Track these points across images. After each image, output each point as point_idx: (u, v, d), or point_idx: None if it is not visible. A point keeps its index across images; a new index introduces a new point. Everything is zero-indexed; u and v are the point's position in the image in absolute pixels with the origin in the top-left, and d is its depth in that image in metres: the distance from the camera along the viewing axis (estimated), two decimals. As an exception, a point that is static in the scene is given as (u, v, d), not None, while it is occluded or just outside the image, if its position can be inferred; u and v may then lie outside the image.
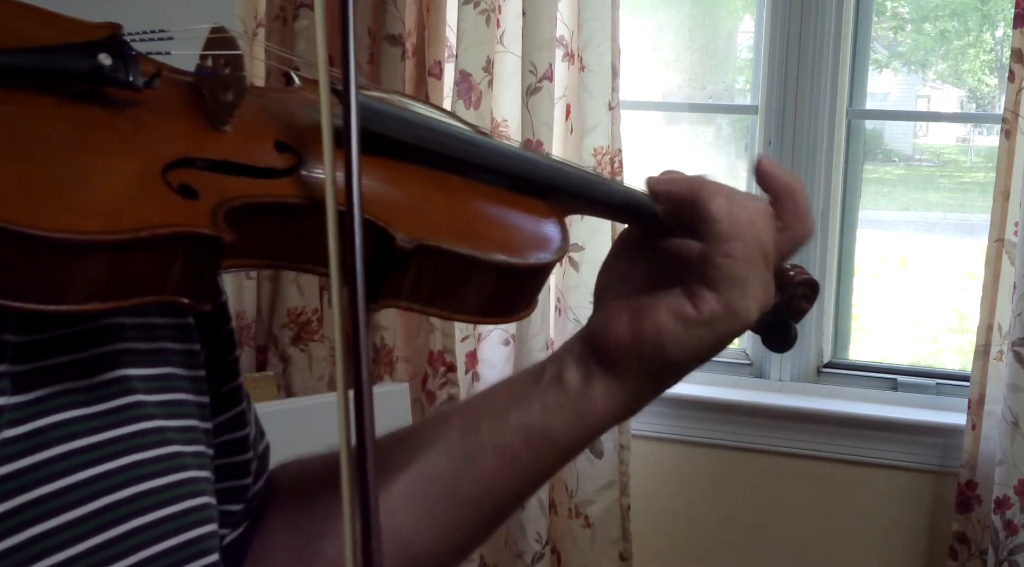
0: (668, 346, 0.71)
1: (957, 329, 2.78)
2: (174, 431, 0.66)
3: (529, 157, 0.76)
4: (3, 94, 0.56)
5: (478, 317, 0.69)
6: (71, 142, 0.56)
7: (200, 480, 0.67)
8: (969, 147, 3.06)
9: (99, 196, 0.54)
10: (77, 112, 0.57)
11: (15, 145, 0.54)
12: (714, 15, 2.93)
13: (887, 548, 2.54)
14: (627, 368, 0.73)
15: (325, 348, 2.52)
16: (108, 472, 0.61)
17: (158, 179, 0.56)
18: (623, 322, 0.73)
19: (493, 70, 2.42)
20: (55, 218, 0.51)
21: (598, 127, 2.42)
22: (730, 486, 2.64)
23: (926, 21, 2.85)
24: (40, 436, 0.59)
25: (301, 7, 2.45)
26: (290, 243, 0.63)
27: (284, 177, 0.62)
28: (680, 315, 0.70)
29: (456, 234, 0.65)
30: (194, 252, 0.55)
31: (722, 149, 2.96)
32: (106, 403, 0.63)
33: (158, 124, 0.60)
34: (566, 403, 0.74)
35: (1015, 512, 2.24)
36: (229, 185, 0.59)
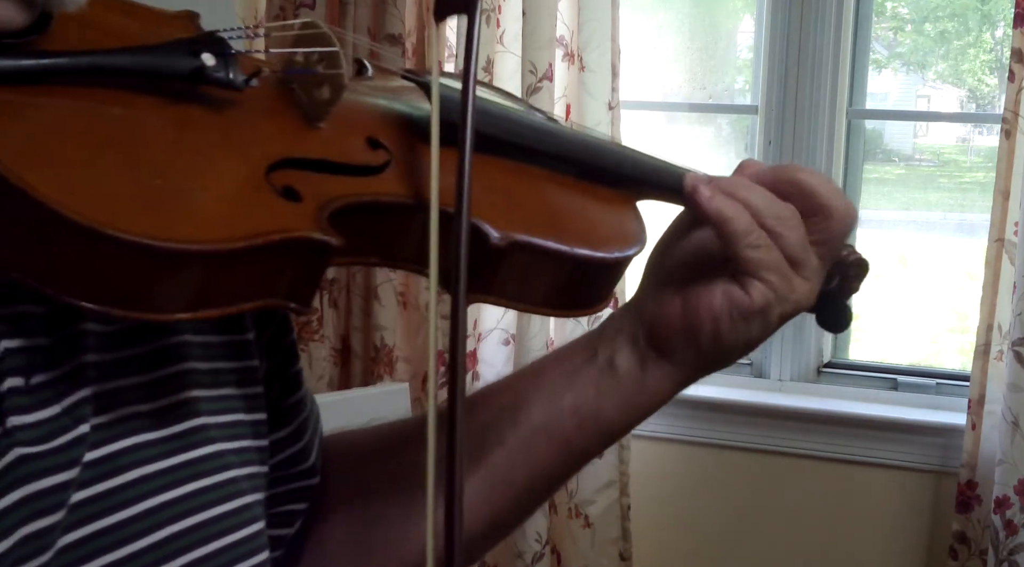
0: (724, 333, 0.71)
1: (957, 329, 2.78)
2: (232, 454, 0.65)
3: (603, 145, 0.76)
4: (106, 95, 0.56)
5: (560, 310, 0.69)
6: (177, 145, 0.56)
7: (254, 506, 0.66)
8: (969, 147, 3.06)
9: (210, 202, 0.54)
10: (178, 113, 0.57)
11: (124, 150, 0.54)
12: (714, 15, 2.93)
13: (887, 548, 2.54)
14: (683, 355, 0.73)
15: (325, 348, 2.52)
16: (173, 500, 0.61)
17: (263, 182, 0.56)
18: (676, 309, 0.72)
19: (493, 70, 2.42)
20: (172, 228, 0.51)
21: (598, 127, 2.41)
22: (730, 486, 2.64)
23: (926, 21, 2.85)
24: (115, 460, 0.58)
25: (301, 7, 2.45)
26: (386, 241, 0.62)
27: (378, 174, 0.62)
28: (734, 302, 0.70)
29: (544, 228, 0.65)
30: (303, 256, 0.55)
31: (722, 149, 2.96)
32: (174, 426, 0.62)
33: (256, 123, 0.60)
34: (620, 389, 0.73)
35: (1015, 512, 2.24)
36: (329, 185, 0.59)
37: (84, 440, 0.57)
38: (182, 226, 0.51)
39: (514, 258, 0.62)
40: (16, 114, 0.53)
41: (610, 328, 0.75)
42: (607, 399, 0.73)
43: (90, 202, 0.50)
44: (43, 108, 0.54)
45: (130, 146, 0.54)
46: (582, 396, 0.74)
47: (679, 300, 0.72)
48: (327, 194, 0.58)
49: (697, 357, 0.73)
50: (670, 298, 0.72)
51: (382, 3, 2.43)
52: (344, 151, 0.62)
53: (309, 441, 0.77)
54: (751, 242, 0.69)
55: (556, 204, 0.71)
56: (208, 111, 0.58)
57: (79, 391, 0.57)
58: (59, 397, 0.56)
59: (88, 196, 0.50)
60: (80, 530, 0.56)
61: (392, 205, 0.61)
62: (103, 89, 0.56)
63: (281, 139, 0.60)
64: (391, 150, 0.64)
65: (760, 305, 0.70)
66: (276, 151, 0.58)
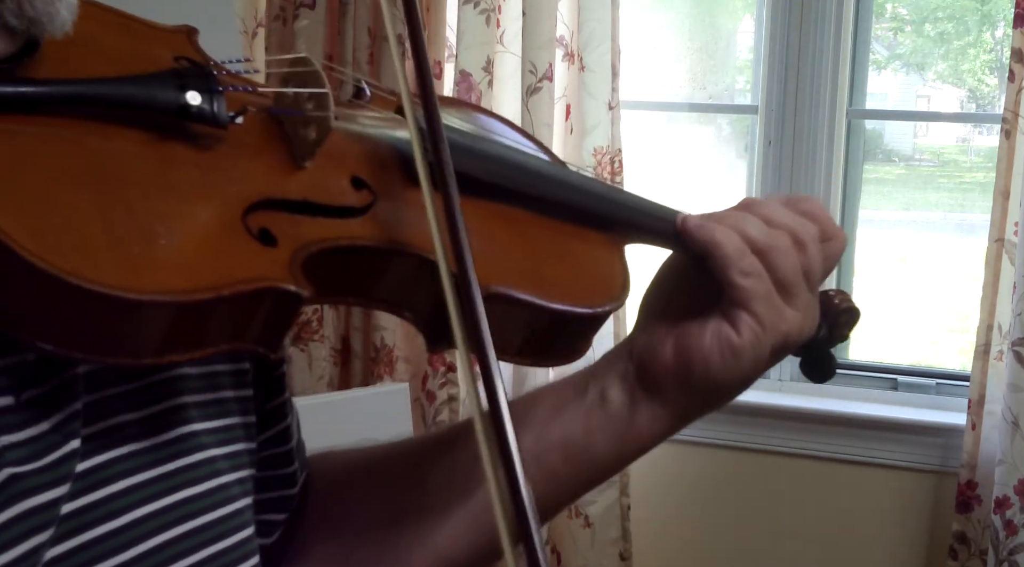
0: (714, 372, 0.70)
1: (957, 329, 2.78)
2: (223, 459, 0.65)
3: (593, 189, 0.74)
4: (85, 126, 0.55)
5: (535, 360, 0.67)
6: (154, 183, 0.55)
7: (244, 510, 0.66)
8: (969, 147, 3.06)
9: (181, 248, 0.53)
10: (159, 148, 0.56)
11: (98, 188, 0.53)
12: (714, 15, 2.93)
13: (887, 548, 2.54)
14: (673, 394, 0.72)
15: (325, 348, 2.52)
16: (162, 509, 0.60)
17: (239, 224, 0.55)
18: (668, 348, 0.71)
19: (493, 70, 2.42)
20: (138, 277, 0.50)
21: (598, 127, 2.42)
22: (730, 486, 2.64)
23: (926, 21, 2.85)
24: (103, 471, 0.58)
25: (301, 7, 2.45)
26: (362, 282, 0.62)
27: (360, 216, 0.61)
28: (723, 340, 0.69)
29: (524, 280, 0.64)
30: (272, 305, 0.55)
31: (722, 149, 2.96)
32: (163, 434, 0.62)
33: (239, 160, 0.59)
34: (609, 425, 0.73)
35: (1015, 512, 2.24)
36: (306, 228, 0.58)
37: (75, 454, 0.56)
38: (149, 274, 0.50)
39: (491, 308, 0.60)
40: None
41: (603, 364, 0.75)
42: (596, 435, 0.73)
43: (54, 245, 0.49)
44: (16, 138, 0.52)
45: (104, 184, 0.53)
46: (571, 430, 0.73)
47: (671, 340, 0.71)
48: (304, 237, 0.57)
49: (688, 398, 0.72)
50: (662, 338, 0.72)
51: (382, 3, 2.43)
52: (327, 191, 0.60)
53: (292, 448, 0.76)
54: (744, 268, 0.69)
55: (540, 251, 0.69)
56: (190, 147, 0.57)
57: (71, 405, 0.57)
58: (50, 412, 0.56)
59: (53, 239, 0.49)
60: (67, 542, 0.56)
61: (369, 249, 0.60)
62: (83, 120, 0.55)
63: (263, 178, 0.59)
64: (375, 190, 0.62)
65: (749, 341, 0.69)
66: (256, 191, 0.57)
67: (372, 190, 0.62)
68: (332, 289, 0.60)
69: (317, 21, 2.44)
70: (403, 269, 0.61)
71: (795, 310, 0.70)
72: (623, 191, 0.75)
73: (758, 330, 0.69)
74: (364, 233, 0.60)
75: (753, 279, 0.69)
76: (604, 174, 2.40)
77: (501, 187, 0.68)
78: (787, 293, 0.70)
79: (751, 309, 0.69)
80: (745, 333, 0.69)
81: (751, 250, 0.69)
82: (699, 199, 2.90)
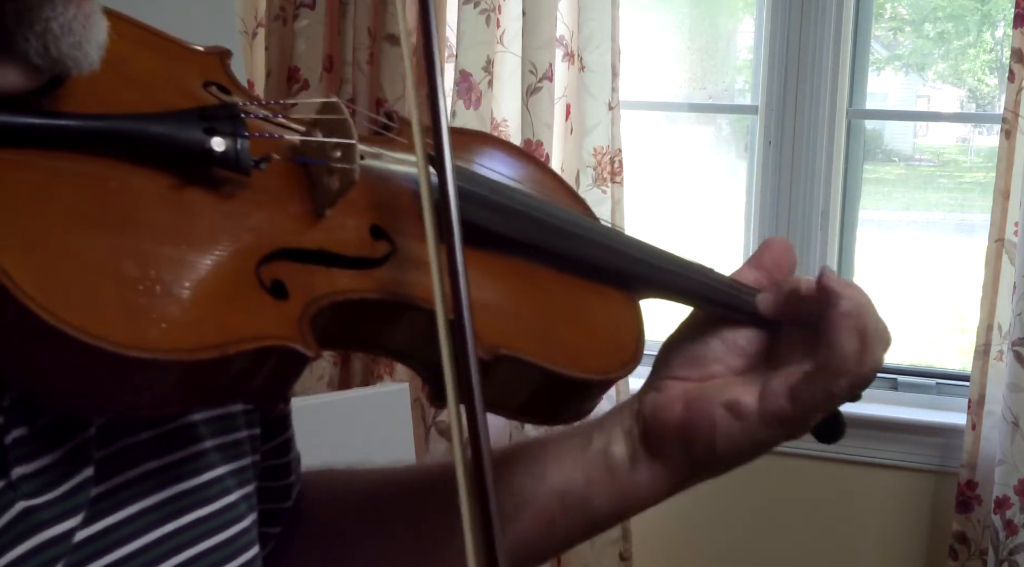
0: (718, 444, 0.68)
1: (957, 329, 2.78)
2: (231, 476, 0.64)
3: (618, 246, 0.70)
4: (107, 164, 0.53)
5: (538, 420, 0.66)
6: (169, 229, 0.53)
7: (252, 528, 0.65)
8: (969, 147, 3.06)
9: (190, 301, 0.51)
10: (178, 191, 0.54)
11: (111, 232, 0.51)
12: (714, 15, 2.93)
13: (887, 548, 2.54)
14: (674, 460, 0.71)
15: (325, 348, 2.52)
16: (173, 532, 0.59)
17: (252, 276, 0.54)
18: (677, 410, 0.70)
19: (493, 70, 2.42)
20: (142, 333, 0.48)
21: (598, 127, 2.42)
22: (730, 486, 2.63)
23: (926, 22, 2.85)
24: (114, 496, 0.57)
25: (301, 7, 2.45)
26: (372, 333, 0.60)
27: (376, 267, 0.59)
28: (738, 411, 0.68)
29: (534, 341, 0.62)
30: (277, 361, 0.53)
31: (722, 149, 2.96)
32: (174, 453, 0.60)
33: (259, 207, 0.57)
34: (610, 480, 0.72)
35: (1015, 512, 2.24)
36: (320, 279, 0.56)
37: (88, 482, 0.55)
38: (153, 330, 0.49)
39: (497, 369, 0.59)
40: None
41: (610, 417, 0.74)
42: (596, 488, 0.72)
43: (59, 295, 0.47)
44: (32, 172, 0.51)
45: (117, 227, 0.51)
46: (572, 480, 0.72)
47: (680, 402, 0.70)
48: (317, 290, 0.55)
49: (689, 464, 0.71)
50: (671, 398, 0.71)
51: (382, 3, 2.43)
52: (345, 241, 0.59)
53: (291, 461, 0.75)
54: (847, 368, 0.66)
55: (556, 311, 0.67)
56: (210, 191, 0.55)
57: (84, 430, 0.56)
58: (63, 440, 0.55)
59: (58, 288, 0.48)
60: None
61: (383, 302, 0.58)
62: (103, 157, 0.53)
63: (282, 227, 0.57)
64: (394, 240, 0.60)
65: (772, 416, 0.67)
66: (274, 241, 0.56)
67: (391, 240, 0.60)
68: (341, 339, 0.59)
69: (317, 21, 2.44)
70: (415, 322, 0.59)
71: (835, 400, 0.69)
72: (648, 246, 0.72)
73: (786, 418, 0.67)
74: (378, 285, 0.58)
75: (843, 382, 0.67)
76: (604, 174, 2.41)
77: (520, 242, 0.66)
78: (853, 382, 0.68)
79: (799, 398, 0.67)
80: (768, 414, 0.67)
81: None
82: (699, 199, 2.90)
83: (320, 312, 0.55)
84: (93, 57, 0.53)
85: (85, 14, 0.52)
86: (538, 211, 0.68)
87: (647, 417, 0.71)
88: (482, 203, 0.64)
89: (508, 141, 0.86)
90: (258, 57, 2.52)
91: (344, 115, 0.61)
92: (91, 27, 0.53)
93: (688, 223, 2.90)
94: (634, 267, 0.70)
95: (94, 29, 0.53)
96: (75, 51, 0.52)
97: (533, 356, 0.61)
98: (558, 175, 0.79)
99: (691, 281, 0.71)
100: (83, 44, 0.52)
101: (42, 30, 0.51)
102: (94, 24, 0.53)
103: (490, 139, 0.81)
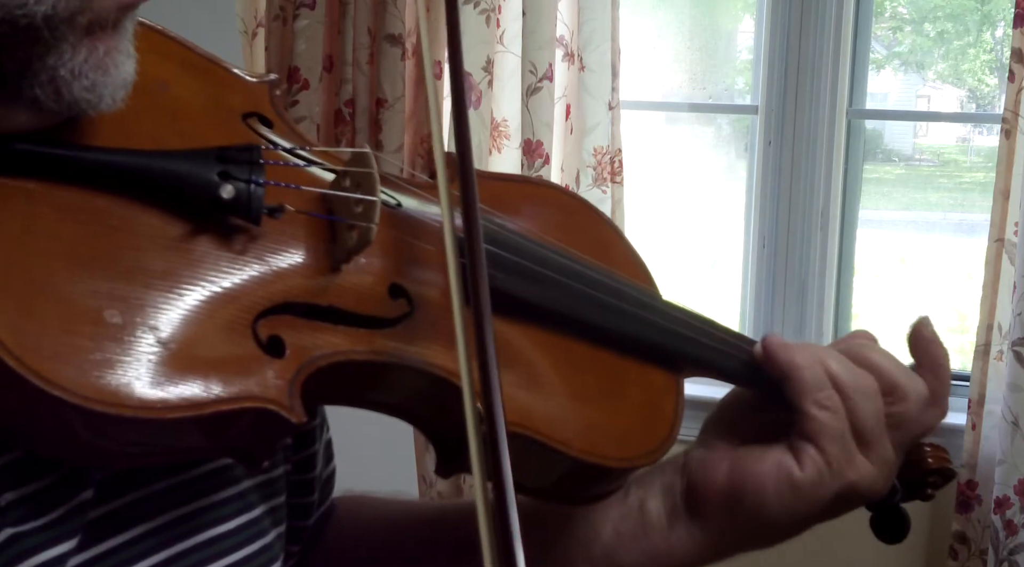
0: (767, 504, 0.66)
1: (957, 329, 2.78)
2: (254, 490, 0.61)
3: (662, 321, 0.66)
4: (114, 201, 0.50)
5: (551, 500, 0.62)
6: (166, 275, 0.50)
7: (275, 544, 0.63)
8: (969, 147, 3.06)
9: (174, 355, 0.48)
10: (184, 235, 0.51)
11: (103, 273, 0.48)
12: (714, 15, 2.93)
13: (887, 548, 2.53)
14: (717, 521, 0.67)
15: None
16: (194, 547, 0.57)
17: (247, 330, 0.50)
18: (723, 470, 0.67)
19: (493, 70, 2.42)
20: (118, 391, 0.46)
21: (598, 127, 2.42)
22: (730, 486, 2.63)
23: (926, 21, 2.85)
24: (118, 516, 0.55)
25: (301, 7, 2.45)
26: (368, 391, 0.57)
27: (388, 328, 0.55)
28: (783, 471, 0.65)
29: (561, 424, 0.58)
30: (260, 422, 0.50)
31: (722, 149, 2.96)
32: (189, 472, 0.58)
33: (269, 257, 0.53)
34: (641, 537, 0.68)
35: (1015, 512, 2.24)
36: (323, 337, 0.53)
37: (86, 505, 0.53)
38: (126, 384, 0.46)
39: (516, 447, 0.53)
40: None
41: (650, 473, 0.70)
42: (624, 543, 0.68)
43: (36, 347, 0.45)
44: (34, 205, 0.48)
45: (107, 270, 0.48)
46: (599, 532, 0.69)
47: (727, 463, 0.67)
48: (317, 348, 0.52)
49: (731, 527, 0.67)
50: (718, 458, 0.68)
51: (382, 3, 2.43)
52: (358, 299, 0.55)
53: (314, 476, 0.72)
54: (820, 399, 0.64)
55: (588, 391, 0.63)
56: (218, 237, 0.52)
57: None
58: (59, 463, 0.52)
59: (37, 339, 0.45)
60: None
61: (390, 366, 0.54)
62: (112, 194, 0.50)
63: (291, 280, 0.53)
64: (415, 301, 0.56)
65: (811, 478, 0.65)
66: (279, 294, 0.52)
67: (411, 300, 0.56)
68: (338, 397, 0.56)
69: (317, 21, 2.44)
70: (424, 388, 0.56)
71: (869, 461, 0.66)
72: (692, 321, 0.68)
73: (823, 469, 0.65)
74: (388, 347, 0.54)
75: (829, 414, 0.65)
76: (604, 174, 2.41)
77: (551, 310, 0.62)
78: (863, 440, 0.66)
79: (820, 445, 0.65)
80: (808, 468, 0.65)
81: (833, 384, 0.65)
82: (699, 199, 2.90)
83: (317, 372, 0.52)
84: (111, 98, 0.50)
85: (100, 56, 0.49)
86: (575, 279, 0.63)
87: (692, 473, 0.68)
88: (510, 268, 0.60)
89: (561, 187, 0.81)
90: (258, 57, 2.52)
91: (371, 169, 0.56)
92: (110, 68, 0.50)
93: (688, 223, 2.90)
94: (681, 345, 0.66)
95: (114, 70, 0.50)
96: (88, 94, 0.49)
97: (548, 437, 0.58)
98: (617, 230, 0.73)
99: (728, 357, 0.68)
100: (97, 87, 0.50)
101: (49, 78, 0.48)
102: (115, 64, 0.50)
103: (537, 188, 0.75)
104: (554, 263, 0.63)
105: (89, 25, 0.49)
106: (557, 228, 0.67)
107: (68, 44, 0.48)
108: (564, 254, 0.65)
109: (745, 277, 2.61)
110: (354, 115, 2.46)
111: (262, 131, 0.59)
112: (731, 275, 2.68)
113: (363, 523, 0.76)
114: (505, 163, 2.43)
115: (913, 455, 0.71)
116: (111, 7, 0.49)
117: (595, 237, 0.70)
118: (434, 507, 0.77)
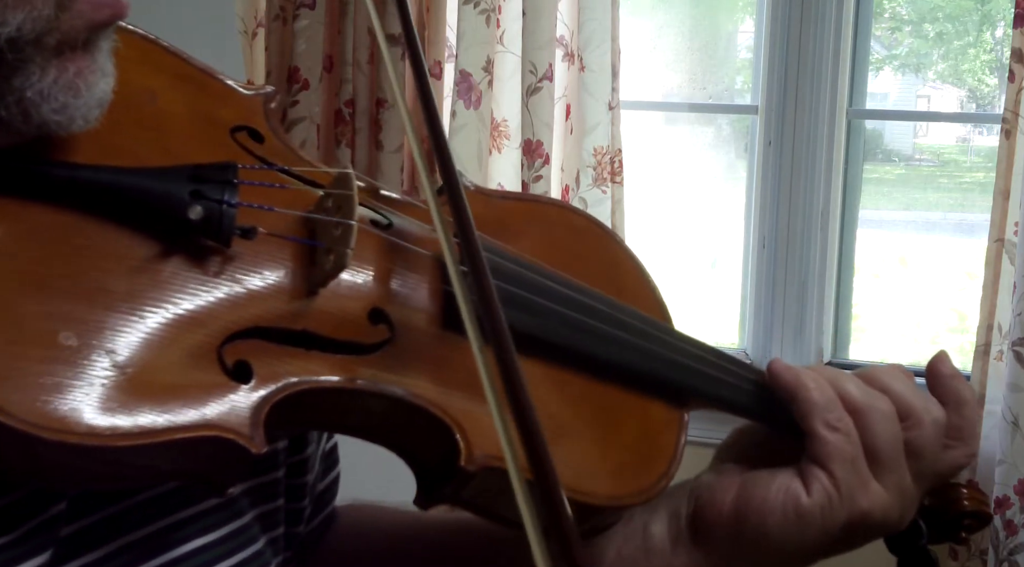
0: (772, 531, 0.63)
1: (957, 329, 2.78)
2: (244, 495, 0.60)
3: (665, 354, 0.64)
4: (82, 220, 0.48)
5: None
6: (129, 296, 0.48)
7: (266, 550, 0.61)
8: (969, 147, 3.06)
9: (130, 378, 0.46)
10: (152, 256, 0.49)
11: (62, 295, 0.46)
12: (714, 15, 2.93)
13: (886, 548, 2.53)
14: (721, 548, 0.65)
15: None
16: (175, 559, 0.55)
17: (212, 354, 0.48)
18: (730, 495, 0.65)
19: (493, 70, 2.42)
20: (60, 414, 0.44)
21: (598, 127, 2.42)
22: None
23: (925, 21, 2.85)
24: (96, 531, 0.53)
25: (301, 7, 2.45)
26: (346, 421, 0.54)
27: (365, 355, 0.52)
28: (790, 497, 0.63)
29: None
30: (219, 451, 0.48)
31: (722, 149, 2.96)
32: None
33: (240, 279, 0.51)
34: (642, 559, 0.67)
35: (1015, 512, 2.24)
36: (294, 364, 0.50)
37: (58, 520, 0.51)
38: (76, 411, 0.44)
39: (488, 480, 0.53)
40: None
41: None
42: (626, 566, 0.67)
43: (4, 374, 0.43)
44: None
45: (64, 291, 0.46)
46: (603, 553, 0.67)
47: (735, 487, 0.65)
48: (287, 375, 0.50)
49: (736, 552, 0.65)
50: (727, 483, 0.66)
51: (382, 3, 2.43)
52: (334, 324, 0.52)
53: (306, 481, 0.71)
54: (830, 420, 0.62)
55: (583, 427, 0.60)
56: (189, 260, 0.50)
57: None
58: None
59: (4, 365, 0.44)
60: None
61: (364, 393, 0.52)
62: (80, 211, 0.48)
63: (261, 303, 0.51)
64: (396, 327, 0.54)
65: (818, 504, 0.62)
66: (247, 317, 0.50)
67: (392, 326, 0.54)
68: (309, 423, 0.54)
69: (317, 21, 2.44)
70: (402, 417, 0.54)
71: (884, 488, 0.64)
72: (698, 351, 0.66)
73: (832, 494, 0.62)
74: (364, 375, 0.52)
75: (839, 436, 0.62)
76: (604, 174, 2.41)
77: (551, 343, 0.59)
78: (879, 465, 0.63)
79: (829, 468, 0.62)
80: (816, 494, 0.62)
81: (845, 406, 0.63)
82: (699, 199, 2.90)
83: (286, 399, 0.49)
84: (83, 119, 0.49)
85: (70, 77, 0.48)
86: (574, 308, 0.61)
87: (700, 498, 0.67)
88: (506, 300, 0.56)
89: (572, 206, 0.75)
90: (258, 57, 2.52)
91: (351, 191, 0.54)
92: (81, 90, 0.48)
93: (688, 223, 2.90)
94: (685, 377, 0.64)
95: (86, 91, 0.49)
96: (57, 116, 0.48)
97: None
98: (629, 252, 0.70)
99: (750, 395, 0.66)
100: (67, 109, 0.48)
101: (16, 99, 0.47)
102: (87, 85, 0.49)
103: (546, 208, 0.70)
104: (551, 291, 0.61)
105: (58, 46, 0.47)
106: (565, 250, 0.65)
107: (36, 65, 0.47)
108: (562, 281, 0.62)
109: (745, 277, 2.61)
110: (354, 115, 2.46)
111: (250, 147, 0.57)
112: (731, 275, 2.68)
113: (366, 533, 0.75)
114: (505, 163, 2.43)
115: (949, 495, 0.68)
116: (80, 27, 0.48)
117: (604, 259, 0.68)
118: (441, 519, 0.76)
